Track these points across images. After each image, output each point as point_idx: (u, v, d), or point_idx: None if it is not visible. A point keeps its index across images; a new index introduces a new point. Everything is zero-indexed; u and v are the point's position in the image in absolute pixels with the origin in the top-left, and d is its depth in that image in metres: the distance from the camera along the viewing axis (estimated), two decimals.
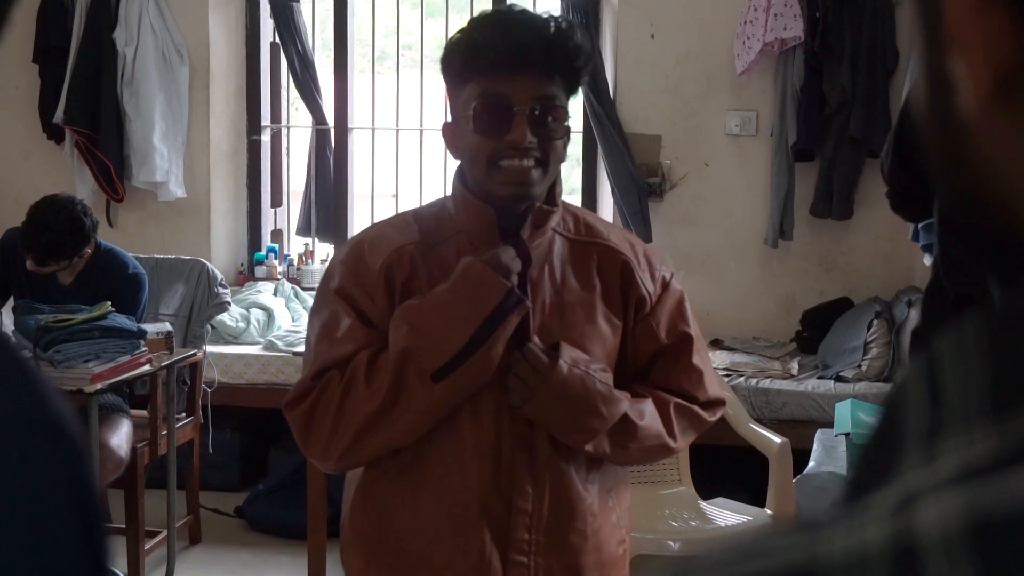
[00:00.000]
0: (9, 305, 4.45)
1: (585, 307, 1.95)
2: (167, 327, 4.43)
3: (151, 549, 4.36)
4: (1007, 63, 0.39)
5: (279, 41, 6.11)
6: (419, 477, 1.92)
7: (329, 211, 6.16)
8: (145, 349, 4.12)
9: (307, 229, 6.22)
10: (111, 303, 4.06)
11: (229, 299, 5.14)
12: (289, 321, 5.69)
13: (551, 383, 1.85)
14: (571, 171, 6.53)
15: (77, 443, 0.55)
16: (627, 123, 5.64)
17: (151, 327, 4.29)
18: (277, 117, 6.35)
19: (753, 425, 4.08)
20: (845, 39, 5.33)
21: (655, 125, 5.66)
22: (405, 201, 6.15)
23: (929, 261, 4.20)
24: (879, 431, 0.41)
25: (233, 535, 4.93)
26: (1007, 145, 0.40)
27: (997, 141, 0.40)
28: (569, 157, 7.11)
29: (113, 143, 5.77)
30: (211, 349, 5.16)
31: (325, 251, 6.24)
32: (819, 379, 5.02)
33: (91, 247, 4.27)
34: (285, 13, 5.98)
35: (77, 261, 4.25)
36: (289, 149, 6.46)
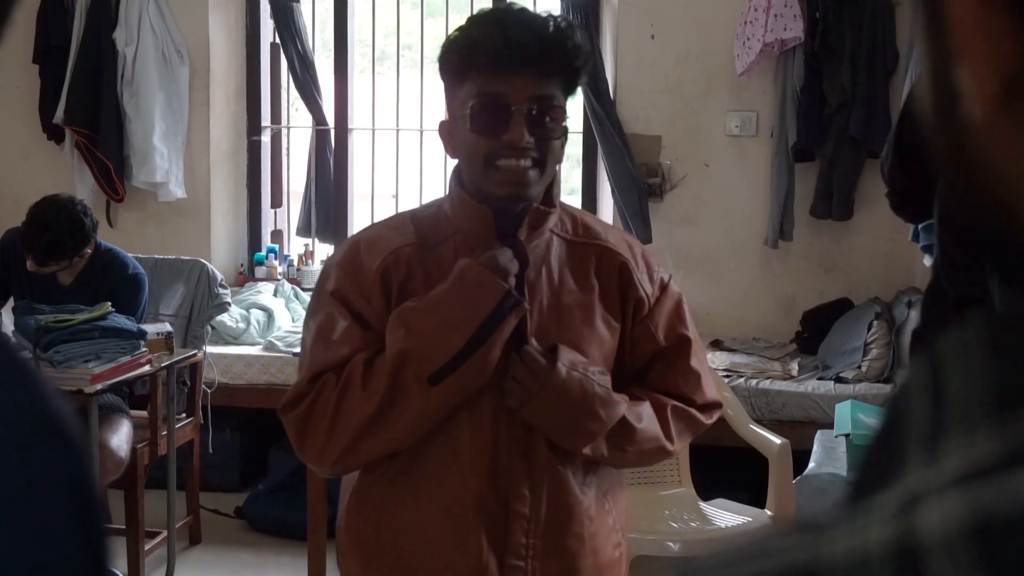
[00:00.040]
0: (9, 305, 4.45)
1: (583, 309, 1.93)
2: (167, 327, 4.43)
3: (151, 550, 4.36)
4: (1012, 68, 0.39)
5: (279, 41, 6.11)
6: (416, 480, 1.90)
7: (329, 212, 6.16)
8: (145, 349, 4.12)
9: (307, 230, 6.22)
10: (111, 303, 4.06)
11: (229, 300, 5.14)
12: (289, 322, 5.69)
13: (549, 386, 1.84)
14: (571, 171, 6.53)
15: (77, 443, 0.55)
16: (627, 123, 5.64)
17: (151, 327, 4.29)
18: (277, 117, 6.36)
19: (753, 426, 4.08)
20: (845, 39, 5.33)
21: (655, 125, 5.66)
22: (405, 202, 6.15)
23: (929, 262, 4.20)
24: (882, 433, 0.41)
25: (233, 536, 4.93)
26: (1013, 150, 0.40)
27: (1003, 146, 0.40)
28: (569, 157, 7.11)
29: (113, 143, 5.77)
30: (211, 349, 5.16)
31: (325, 252, 6.23)
32: (819, 380, 5.02)
33: (91, 247, 4.27)
34: (285, 13, 5.98)
35: (77, 261, 4.25)
36: (289, 149, 6.46)
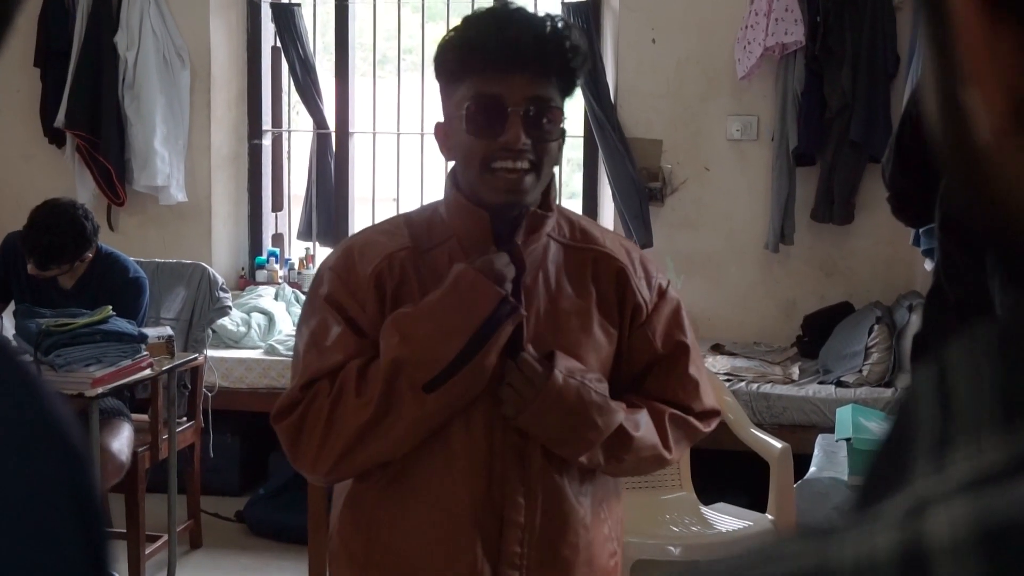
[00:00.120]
0: (10, 309, 4.45)
1: (580, 315, 1.90)
2: (168, 331, 4.43)
3: (152, 553, 4.36)
4: (1021, 88, 0.39)
5: (280, 45, 6.12)
6: (410, 489, 1.88)
7: (330, 215, 6.16)
8: (146, 353, 4.12)
9: (308, 233, 6.22)
10: (112, 307, 4.06)
11: (230, 303, 5.14)
12: (290, 325, 5.69)
13: (545, 393, 1.81)
14: (572, 175, 6.53)
15: (78, 447, 0.54)
16: (628, 127, 5.64)
17: (152, 331, 4.29)
18: (278, 121, 6.36)
19: (754, 430, 4.07)
20: (846, 43, 5.33)
21: (656, 129, 5.67)
22: (406, 205, 6.14)
23: (930, 266, 4.20)
24: (888, 439, 0.41)
25: (234, 539, 4.93)
26: None
27: (1014, 166, 0.40)
28: (570, 161, 7.10)
29: (114, 147, 5.77)
30: (212, 353, 5.16)
31: (326, 255, 6.23)
32: (820, 384, 5.01)
33: (92, 251, 4.27)
34: (286, 17, 5.99)
35: (78, 265, 4.25)
36: (290, 153, 6.47)
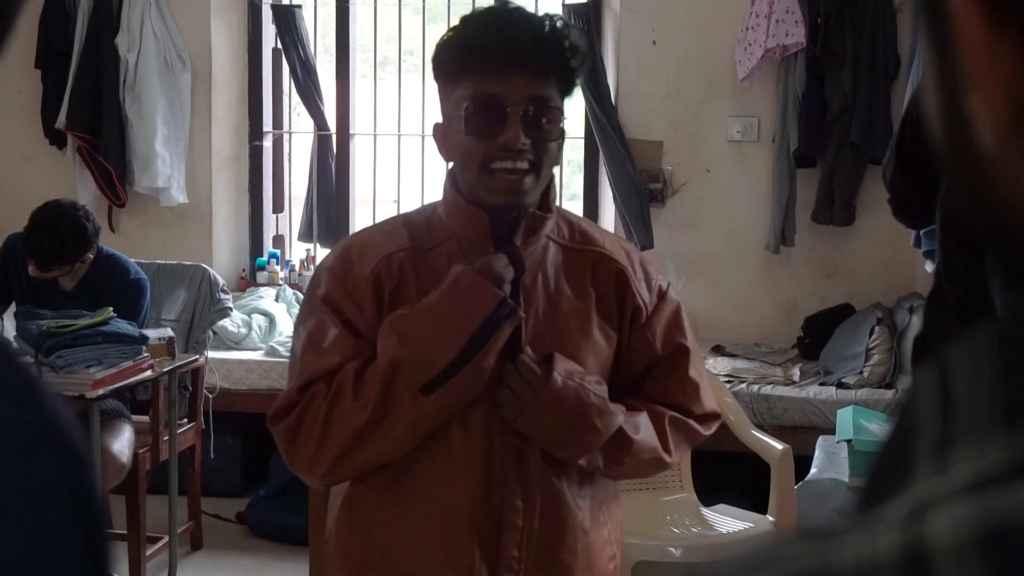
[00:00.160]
0: (11, 310, 4.45)
1: (579, 317, 1.89)
2: (169, 332, 4.43)
3: (152, 555, 4.36)
4: (1023, 94, 0.39)
5: (281, 46, 6.12)
6: (407, 492, 1.86)
7: (331, 216, 6.16)
8: (147, 355, 4.12)
9: (309, 235, 6.22)
10: (113, 308, 4.06)
11: (231, 305, 5.15)
12: (291, 327, 5.69)
13: (544, 396, 1.79)
14: (573, 176, 6.53)
15: (78, 449, 0.54)
16: (629, 129, 5.64)
17: (153, 332, 4.29)
18: (279, 122, 6.36)
19: (755, 431, 4.07)
20: (846, 45, 5.33)
21: (657, 131, 5.67)
22: (407, 207, 6.14)
23: (931, 267, 4.20)
24: (890, 441, 0.41)
25: (234, 541, 4.93)
26: None
27: (1017, 172, 0.40)
28: (571, 163, 7.08)
29: (115, 148, 5.77)
30: (213, 355, 5.17)
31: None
32: (821, 385, 5.01)
33: (93, 252, 4.27)
34: (287, 18, 5.99)
35: (79, 266, 4.25)
36: (291, 154, 6.47)
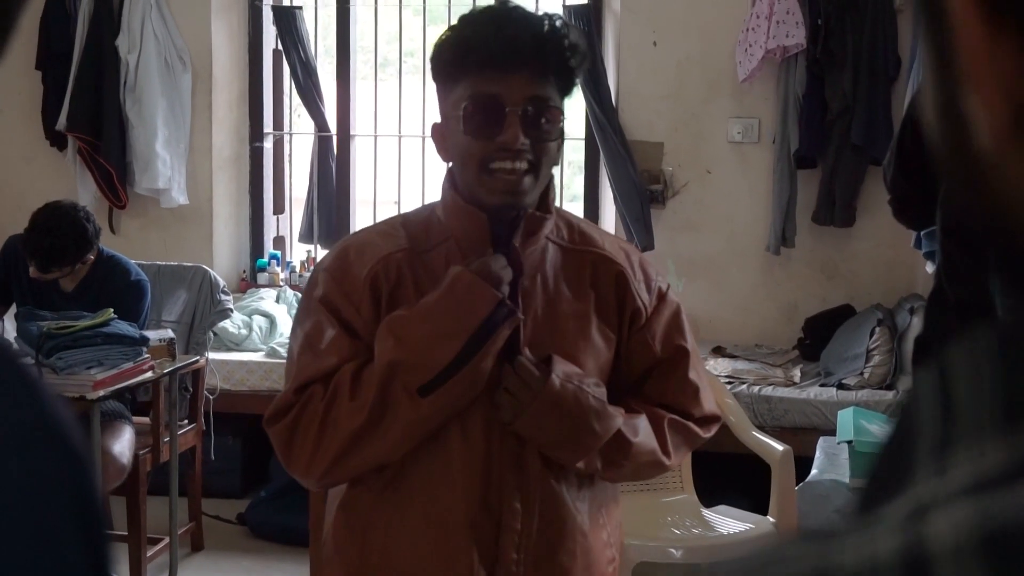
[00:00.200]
0: (11, 312, 4.45)
1: (578, 319, 1.88)
2: (169, 334, 4.43)
3: (153, 556, 4.36)
4: (1021, 94, 0.39)
5: (281, 48, 6.12)
6: (405, 494, 1.85)
7: (331, 218, 6.16)
8: (147, 356, 4.12)
9: (309, 236, 6.22)
10: (113, 310, 4.06)
11: (231, 306, 5.15)
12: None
13: (543, 398, 1.78)
14: (573, 178, 6.53)
15: (79, 450, 0.54)
16: (629, 130, 5.64)
17: (153, 334, 4.29)
18: (279, 124, 6.36)
19: (755, 432, 4.07)
20: (847, 46, 5.33)
21: (657, 132, 5.67)
22: (407, 208, 6.12)
23: (931, 269, 4.19)
24: (890, 442, 0.41)
25: (235, 542, 4.93)
26: None
27: (1015, 173, 0.40)
28: (571, 164, 7.07)
29: (116, 149, 5.77)
30: (213, 356, 5.17)
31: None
32: (821, 386, 5.01)
33: (94, 253, 4.27)
34: (287, 19, 5.99)
35: (80, 268, 4.25)
36: (291, 156, 6.47)
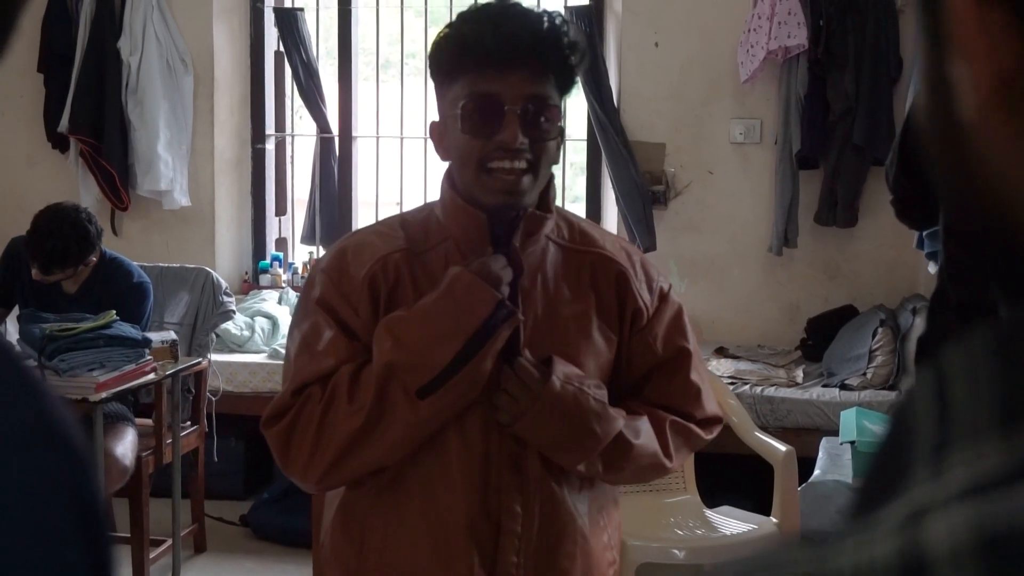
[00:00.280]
0: (14, 314, 4.45)
1: (579, 319, 1.86)
2: (172, 336, 4.43)
3: (156, 558, 4.36)
4: (1007, 65, 0.39)
5: (283, 50, 6.12)
6: (403, 497, 1.83)
7: (333, 219, 6.16)
8: (150, 358, 4.12)
9: (311, 237, 6.22)
10: (116, 312, 4.07)
11: (233, 307, 5.15)
12: None
13: (543, 400, 1.76)
14: (575, 178, 6.53)
15: (81, 452, 0.54)
16: (631, 131, 5.64)
17: (156, 336, 4.29)
18: (281, 125, 6.36)
19: (758, 433, 4.07)
20: (849, 46, 5.32)
21: (659, 133, 5.66)
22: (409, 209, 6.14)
23: (934, 269, 4.20)
24: (887, 444, 0.41)
25: (238, 543, 4.93)
26: (1007, 148, 0.40)
27: (997, 144, 0.40)
28: (573, 165, 7.05)
29: (117, 152, 5.77)
30: (216, 358, 5.16)
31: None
32: (824, 387, 5.01)
33: (96, 255, 4.28)
34: (289, 22, 5.99)
35: (82, 270, 4.25)
36: (293, 157, 6.47)
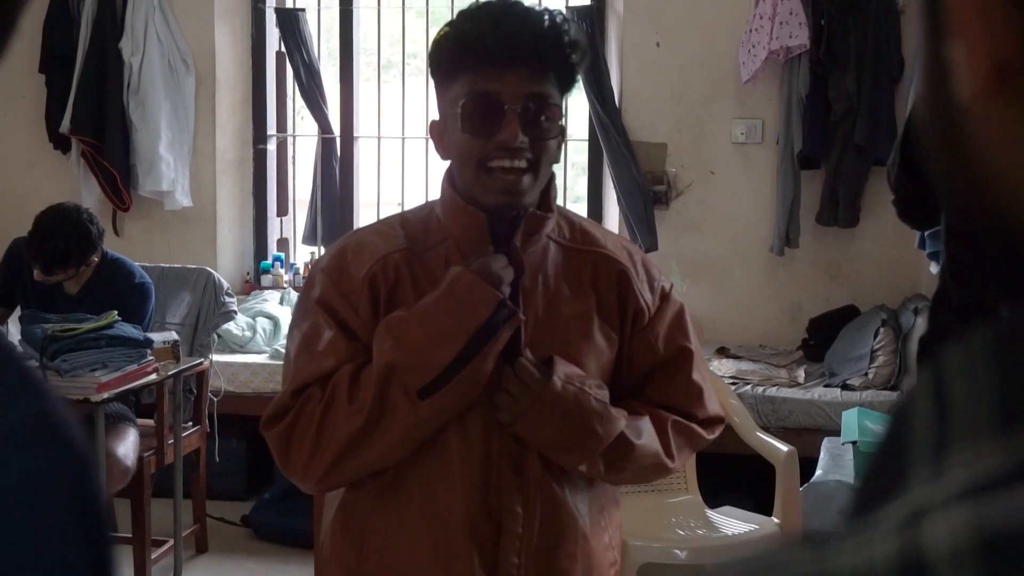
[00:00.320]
0: (16, 315, 4.45)
1: (580, 319, 1.85)
2: (173, 336, 4.43)
3: (158, 558, 4.36)
4: (1004, 50, 0.39)
5: (285, 50, 6.12)
6: (403, 498, 1.82)
7: (335, 219, 6.16)
8: (151, 358, 4.12)
9: (313, 238, 6.23)
10: (117, 312, 4.07)
11: (235, 308, 5.15)
12: None
13: (544, 400, 1.75)
14: (577, 179, 6.52)
15: (82, 452, 0.54)
16: (632, 131, 5.64)
17: (157, 336, 4.29)
18: (283, 126, 6.36)
19: (760, 433, 4.07)
20: (850, 46, 5.32)
21: (660, 133, 5.66)
22: None
23: (936, 269, 4.19)
24: (886, 445, 0.41)
25: (239, 544, 4.93)
26: (1001, 132, 0.40)
27: (992, 129, 0.40)
28: (575, 165, 7.05)
29: (119, 152, 5.77)
30: (217, 358, 5.17)
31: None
32: (826, 387, 5.00)
33: (97, 255, 4.28)
34: (291, 22, 5.99)
35: (84, 270, 4.26)
36: (295, 158, 6.47)
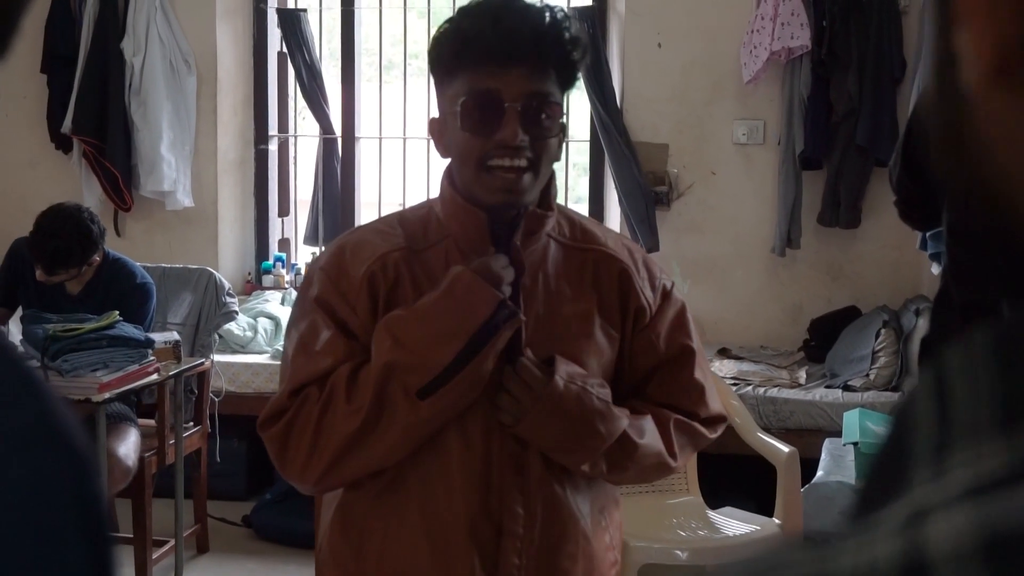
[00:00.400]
0: (17, 315, 4.46)
1: (581, 318, 1.84)
2: (175, 336, 4.43)
3: (158, 558, 4.36)
4: (1010, 37, 0.39)
5: (286, 50, 6.12)
6: (402, 499, 1.80)
7: (336, 220, 6.16)
8: (153, 358, 4.12)
9: (314, 238, 6.23)
10: (119, 312, 4.07)
11: (236, 308, 5.15)
12: None
13: (545, 400, 1.74)
14: (578, 179, 6.53)
15: (82, 453, 0.54)
16: (634, 131, 5.64)
17: (159, 336, 4.29)
18: (284, 126, 6.36)
19: (761, 434, 4.07)
20: (852, 47, 5.32)
21: (662, 134, 5.66)
22: None
23: (937, 270, 4.19)
24: (888, 445, 0.40)
25: (240, 544, 4.93)
26: (1005, 120, 0.40)
27: (998, 119, 0.40)
28: (576, 165, 7.05)
29: (121, 152, 5.78)
30: (218, 358, 5.17)
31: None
32: (827, 388, 5.00)
33: (99, 255, 4.28)
34: (292, 22, 6.00)
35: (85, 270, 4.26)
36: (296, 158, 6.47)
